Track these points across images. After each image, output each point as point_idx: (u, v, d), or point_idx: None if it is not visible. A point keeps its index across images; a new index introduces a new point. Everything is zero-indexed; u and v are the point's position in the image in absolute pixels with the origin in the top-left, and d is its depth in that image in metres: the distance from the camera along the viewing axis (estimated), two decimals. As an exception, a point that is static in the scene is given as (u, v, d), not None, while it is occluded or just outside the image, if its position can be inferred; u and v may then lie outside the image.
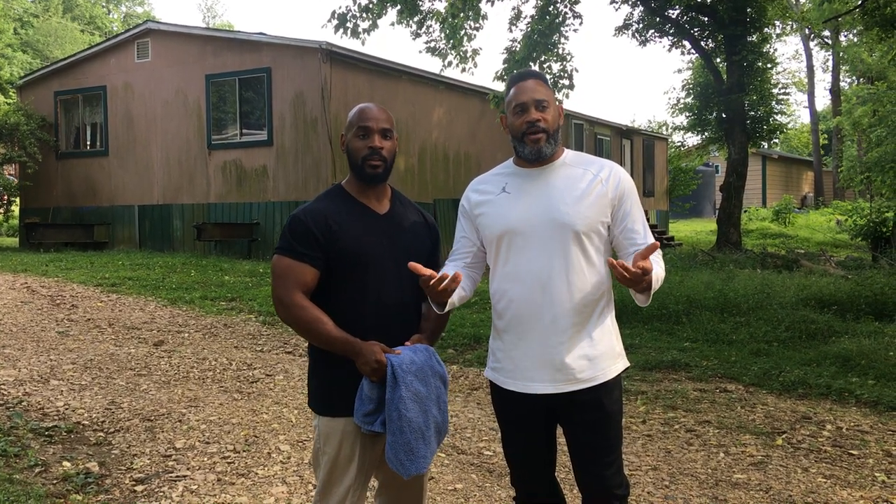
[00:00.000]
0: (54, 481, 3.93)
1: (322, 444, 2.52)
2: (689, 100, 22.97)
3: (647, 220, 2.57)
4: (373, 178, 2.52)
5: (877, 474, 4.22)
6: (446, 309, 2.46)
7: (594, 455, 2.45)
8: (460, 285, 2.54)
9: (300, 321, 2.42)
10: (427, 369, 2.43)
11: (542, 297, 2.41)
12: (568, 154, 2.54)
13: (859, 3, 15.44)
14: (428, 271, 2.30)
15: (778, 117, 20.30)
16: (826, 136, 43.33)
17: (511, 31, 15.79)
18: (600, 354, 2.44)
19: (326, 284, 2.48)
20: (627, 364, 2.56)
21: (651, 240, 2.42)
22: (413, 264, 2.32)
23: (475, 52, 14.77)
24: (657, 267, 2.33)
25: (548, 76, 14.54)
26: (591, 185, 2.44)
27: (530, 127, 2.42)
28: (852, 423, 5.11)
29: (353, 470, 2.50)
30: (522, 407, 2.50)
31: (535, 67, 14.80)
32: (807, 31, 35.48)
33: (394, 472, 2.62)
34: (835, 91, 39.23)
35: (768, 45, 19.15)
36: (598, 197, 2.42)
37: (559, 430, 2.58)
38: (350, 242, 2.46)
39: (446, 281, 2.28)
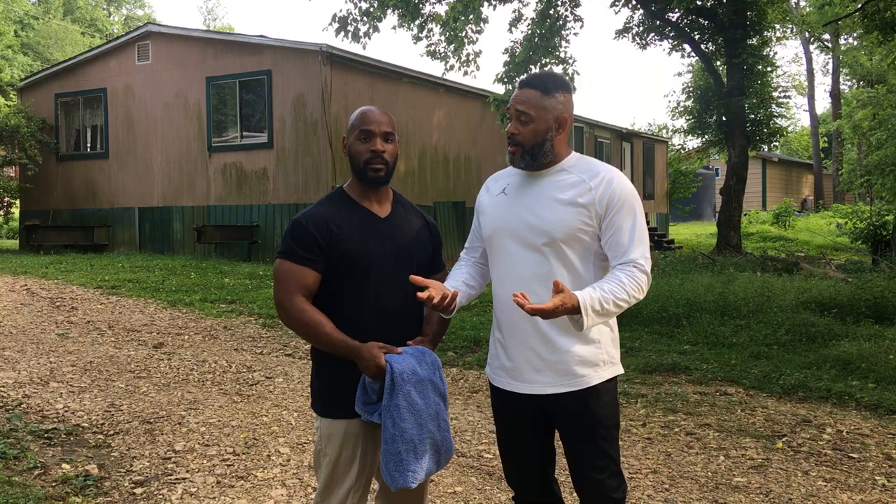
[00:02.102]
0: (53, 483, 3.92)
1: (323, 445, 2.53)
2: (689, 103, 22.99)
3: (648, 223, 2.54)
4: (375, 181, 2.52)
5: (877, 478, 4.22)
6: (451, 315, 2.50)
7: (585, 459, 2.45)
8: (466, 283, 2.61)
9: (301, 324, 2.43)
10: (428, 384, 2.42)
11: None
12: (571, 158, 2.49)
13: (859, 6, 15.45)
14: (426, 293, 2.32)
15: (778, 120, 20.32)
16: (826, 139, 43.40)
17: (511, 33, 15.82)
18: (584, 359, 2.42)
19: (328, 288, 2.49)
20: (619, 371, 2.52)
21: (637, 254, 2.34)
22: (414, 277, 2.36)
23: (476, 55, 14.80)
24: (598, 292, 2.24)
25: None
26: (579, 192, 2.39)
27: (509, 138, 2.45)
28: (852, 427, 5.11)
29: (354, 472, 2.51)
30: (512, 405, 2.53)
31: (536, 70, 14.82)
32: (807, 34, 35.54)
33: None
34: (835, 94, 39.28)
35: (768, 49, 19.18)
36: (583, 205, 2.37)
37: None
38: (351, 246, 2.47)
39: (447, 301, 2.35)
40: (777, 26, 20.44)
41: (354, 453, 2.50)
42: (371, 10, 13.93)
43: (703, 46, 18.65)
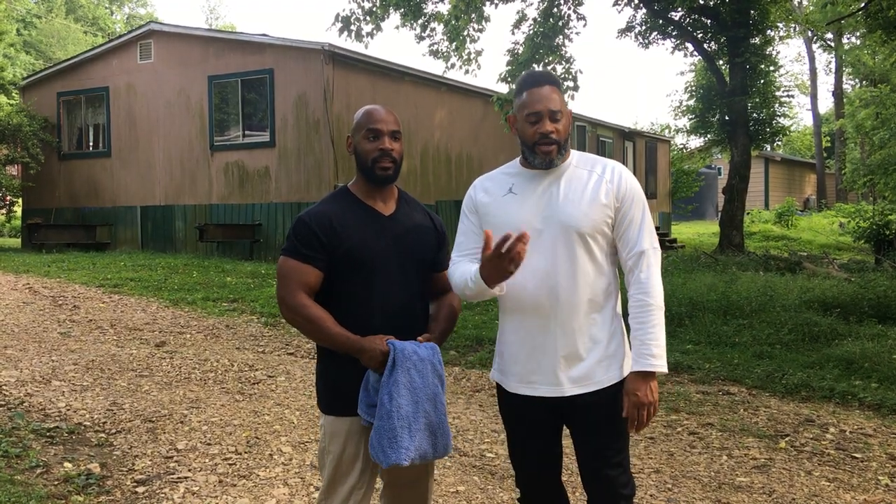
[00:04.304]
0: (56, 482, 3.92)
1: (327, 442, 2.54)
2: (691, 102, 22.98)
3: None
4: (384, 179, 2.53)
5: (880, 477, 4.21)
6: (496, 290, 2.37)
7: (601, 456, 2.44)
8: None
9: (303, 321, 2.44)
10: (428, 365, 2.42)
11: (548, 299, 2.40)
12: (573, 155, 2.51)
13: (862, 5, 15.42)
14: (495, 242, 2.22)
15: (780, 120, 20.30)
16: (829, 138, 43.31)
17: (514, 33, 15.81)
18: (609, 356, 2.44)
19: (332, 286, 2.49)
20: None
21: (646, 244, 2.42)
22: (488, 232, 2.26)
23: (478, 53, 14.79)
24: (650, 336, 2.37)
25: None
26: (598, 186, 2.42)
27: (543, 138, 2.39)
28: (856, 426, 5.10)
29: (358, 469, 2.51)
30: (529, 410, 2.49)
31: (539, 69, 14.81)
32: (809, 33, 35.48)
33: (399, 472, 2.61)
34: (837, 93, 39.20)
35: (771, 48, 19.15)
36: (604, 199, 2.41)
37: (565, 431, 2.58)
38: (354, 244, 2.47)
39: (517, 244, 2.19)
40: (780, 25, 20.38)
41: (358, 450, 2.50)
42: (374, 9, 13.92)
43: (705, 45, 18.61)
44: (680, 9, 17.49)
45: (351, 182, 2.63)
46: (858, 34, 28.18)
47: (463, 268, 2.48)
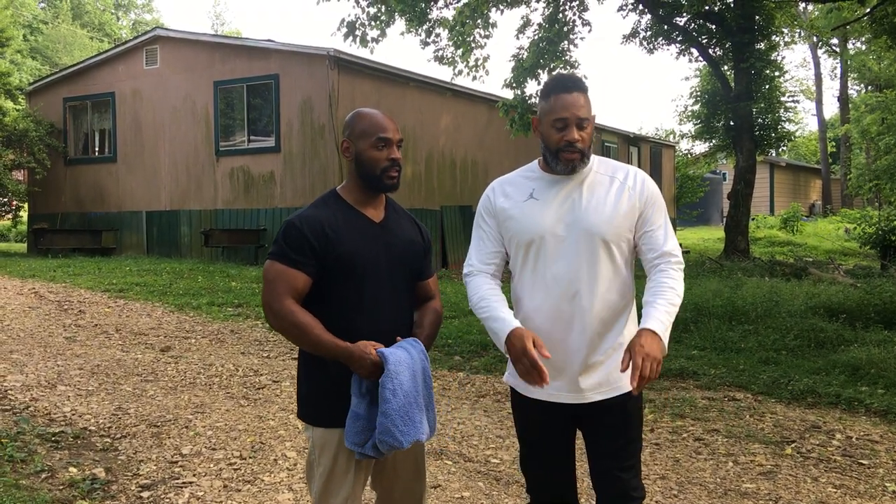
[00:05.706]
0: (60, 487, 3.93)
1: (317, 455, 2.48)
2: (696, 107, 22.97)
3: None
4: (392, 188, 2.51)
5: (887, 484, 4.19)
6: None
7: (615, 458, 2.46)
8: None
9: (291, 327, 2.38)
10: (407, 344, 2.44)
11: (570, 305, 2.40)
12: (594, 160, 2.50)
13: (868, 11, 15.41)
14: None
15: (786, 125, 20.26)
16: (834, 143, 43.27)
17: (518, 38, 15.81)
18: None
19: (321, 291, 2.45)
20: None
21: (671, 246, 2.43)
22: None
23: (484, 59, 14.79)
24: (663, 314, 2.30)
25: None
26: (620, 194, 2.43)
27: (568, 146, 2.38)
28: (862, 433, 5.08)
29: (350, 482, 2.46)
30: (545, 414, 2.50)
31: (544, 75, 14.81)
32: (815, 38, 35.46)
33: (391, 483, 2.59)
34: (843, 99, 39.19)
35: (776, 53, 19.12)
36: (627, 206, 2.42)
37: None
38: (346, 250, 2.44)
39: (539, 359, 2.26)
40: (785, 31, 20.38)
41: (350, 463, 2.45)
42: (379, 15, 13.95)
43: (710, 51, 18.61)
44: (685, 14, 17.50)
45: (340, 186, 2.59)
46: (864, 39, 28.16)
47: (484, 290, 2.48)
